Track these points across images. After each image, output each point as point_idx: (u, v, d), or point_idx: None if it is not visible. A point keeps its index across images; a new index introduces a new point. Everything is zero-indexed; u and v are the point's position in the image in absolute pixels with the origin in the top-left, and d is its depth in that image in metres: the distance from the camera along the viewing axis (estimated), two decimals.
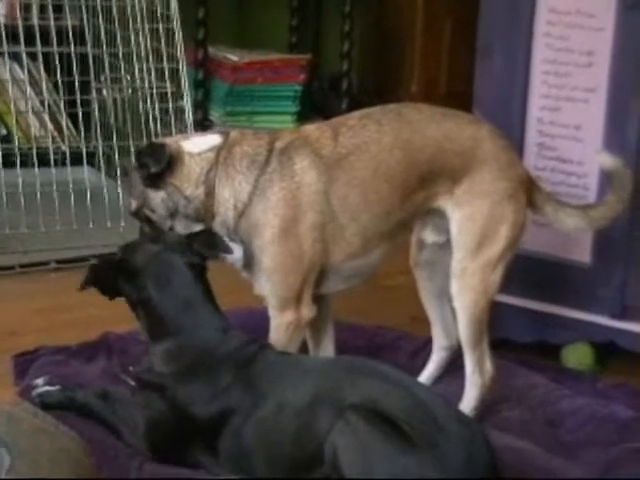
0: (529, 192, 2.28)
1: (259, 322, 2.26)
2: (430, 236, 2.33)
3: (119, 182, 3.47)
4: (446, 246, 2.27)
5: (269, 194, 2.14)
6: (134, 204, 2.24)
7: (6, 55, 3.55)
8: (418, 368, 2.51)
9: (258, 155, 2.17)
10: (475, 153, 2.21)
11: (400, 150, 2.18)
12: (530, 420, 2.32)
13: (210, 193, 2.16)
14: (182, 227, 2.20)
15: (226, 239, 2.15)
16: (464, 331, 2.25)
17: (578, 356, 2.69)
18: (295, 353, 2.17)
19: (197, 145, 2.20)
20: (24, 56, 3.60)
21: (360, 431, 1.75)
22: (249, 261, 2.17)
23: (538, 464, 2.11)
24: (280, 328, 2.19)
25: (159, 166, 2.14)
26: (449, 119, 2.25)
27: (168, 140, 2.26)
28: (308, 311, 2.19)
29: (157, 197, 2.18)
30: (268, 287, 2.18)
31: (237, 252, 2.17)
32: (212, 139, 2.21)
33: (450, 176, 2.21)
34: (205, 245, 2.10)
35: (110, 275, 2.06)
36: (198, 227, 2.19)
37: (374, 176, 2.17)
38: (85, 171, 3.52)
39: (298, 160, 2.16)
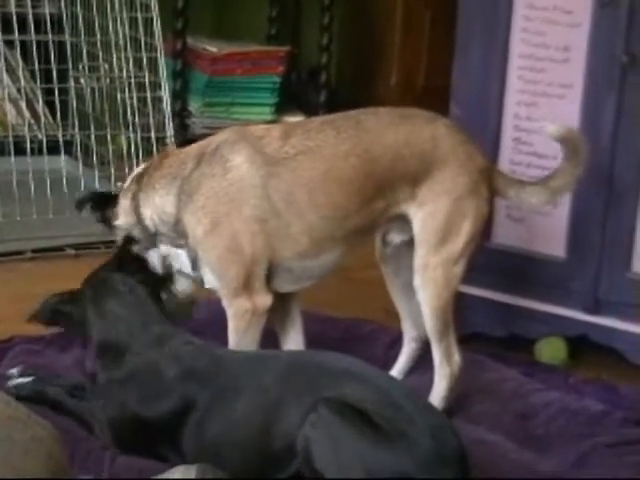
0: (490, 181, 2.29)
1: None
2: (396, 237, 2.33)
3: (96, 171, 3.46)
4: (411, 242, 2.28)
5: (197, 196, 2.19)
6: None
7: None
8: (394, 360, 2.51)
9: (182, 169, 2.23)
10: (434, 153, 2.22)
11: (357, 158, 2.19)
12: (501, 413, 2.34)
13: (139, 217, 2.26)
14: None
15: (172, 248, 2.25)
16: (429, 324, 2.27)
17: (551, 350, 2.71)
18: (249, 350, 2.19)
19: (130, 178, 2.33)
20: (1, 44, 3.57)
21: (332, 424, 1.76)
22: (194, 259, 2.22)
23: (509, 457, 2.12)
24: (236, 317, 2.22)
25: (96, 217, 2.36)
26: (407, 122, 2.25)
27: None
28: (262, 300, 2.21)
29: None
30: (214, 279, 2.22)
31: (183, 258, 2.25)
32: (137, 170, 2.33)
33: (411, 180, 2.22)
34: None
35: (54, 305, 2.20)
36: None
37: (325, 179, 2.18)
38: (62, 160, 3.51)
39: (231, 157, 2.19)
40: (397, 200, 2.23)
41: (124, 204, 2.29)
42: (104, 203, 2.33)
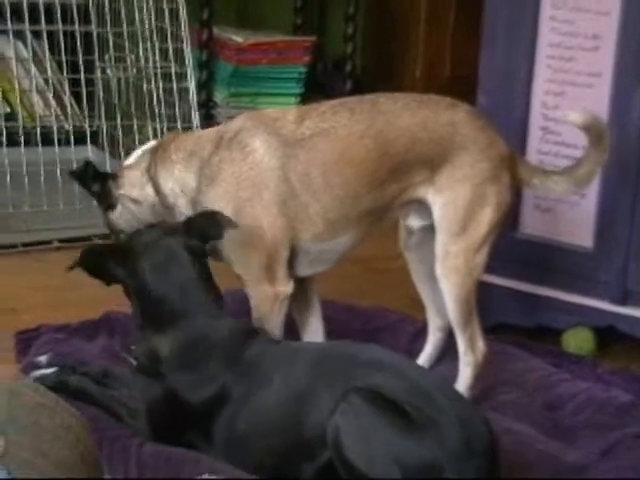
0: (513, 168, 2.27)
1: None
2: (416, 222, 2.32)
3: (123, 161, 3.47)
4: (433, 228, 2.26)
5: (218, 181, 2.18)
6: (114, 236, 2.35)
7: (10, 33, 3.53)
8: (418, 350, 2.51)
9: (199, 149, 2.22)
10: (453, 138, 2.20)
11: (371, 140, 2.18)
12: (528, 403, 2.33)
13: (157, 189, 2.24)
14: None
15: None
16: (453, 312, 2.26)
17: (578, 341, 2.70)
18: (286, 340, 2.18)
19: (133, 156, 2.33)
20: (28, 34, 3.58)
21: (363, 413, 1.76)
22: (215, 243, 2.20)
23: (536, 447, 2.11)
24: (259, 304, 2.21)
25: (92, 184, 2.29)
26: (425, 106, 2.23)
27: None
28: (284, 286, 2.21)
29: (115, 215, 2.29)
30: (236, 265, 2.22)
31: None
32: (147, 145, 2.33)
33: (428, 165, 2.20)
34: (206, 226, 2.10)
35: (101, 258, 2.07)
36: None
37: (338, 160, 2.17)
38: (89, 150, 3.52)
39: (250, 141, 2.18)
40: (414, 184, 2.22)
41: (132, 175, 2.27)
42: (101, 176, 2.30)
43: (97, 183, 2.29)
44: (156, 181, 2.24)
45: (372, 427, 1.74)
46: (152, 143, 2.33)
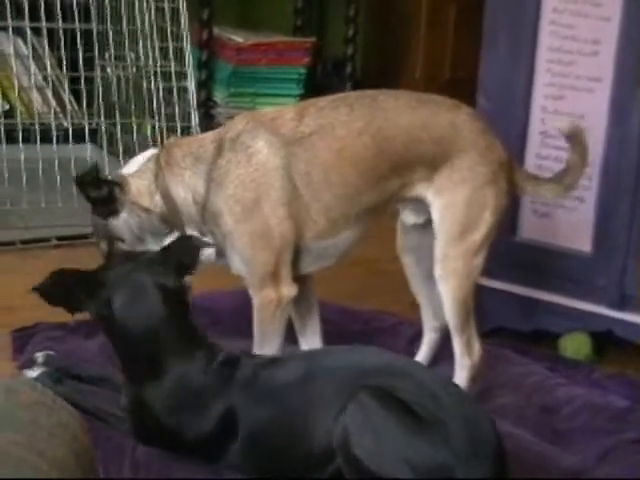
0: (510, 173, 2.28)
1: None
2: (409, 218, 2.33)
3: (121, 160, 3.47)
4: (429, 228, 2.27)
5: (226, 184, 2.17)
6: (104, 245, 2.26)
7: (10, 30, 3.53)
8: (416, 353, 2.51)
9: (204, 152, 2.20)
10: (454, 140, 2.21)
11: (370, 137, 2.18)
12: (525, 407, 2.33)
13: (167, 196, 2.19)
14: (155, 245, 2.20)
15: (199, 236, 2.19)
16: (450, 315, 2.26)
17: (576, 345, 2.70)
18: (281, 354, 2.17)
19: (134, 164, 2.26)
20: (28, 31, 3.58)
21: (371, 410, 1.75)
22: (221, 246, 2.20)
23: (533, 451, 2.12)
24: (262, 307, 2.21)
25: (101, 192, 2.18)
26: (426, 106, 2.24)
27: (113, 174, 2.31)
28: (288, 289, 2.20)
29: (119, 222, 2.21)
30: (243, 267, 2.21)
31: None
32: (147, 152, 2.28)
33: (428, 164, 2.21)
34: (183, 252, 2.01)
35: (71, 286, 1.94)
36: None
37: (338, 158, 2.17)
38: (87, 148, 3.52)
39: (252, 143, 2.17)
40: (413, 182, 2.22)
41: (140, 184, 2.21)
42: (105, 182, 2.21)
43: (102, 189, 2.19)
44: (166, 190, 2.20)
45: (382, 426, 1.73)
46: (151, 151, 2.29)
